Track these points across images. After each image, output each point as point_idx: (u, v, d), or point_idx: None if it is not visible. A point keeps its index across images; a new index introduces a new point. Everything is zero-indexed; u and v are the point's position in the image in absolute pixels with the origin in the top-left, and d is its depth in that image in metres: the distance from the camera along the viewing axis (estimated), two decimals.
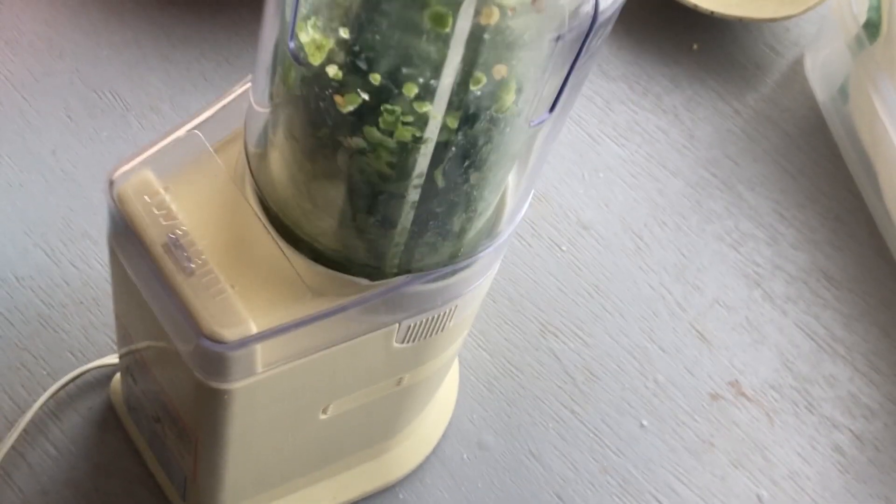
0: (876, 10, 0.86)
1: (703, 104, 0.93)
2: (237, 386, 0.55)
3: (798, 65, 0.96)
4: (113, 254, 0.58)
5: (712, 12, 0.91)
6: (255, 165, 0.55)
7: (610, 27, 0.48)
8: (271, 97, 0.52)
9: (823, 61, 0.94)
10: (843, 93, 0.91)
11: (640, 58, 0.94)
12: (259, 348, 0.53)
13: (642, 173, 0.90)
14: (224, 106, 0.58)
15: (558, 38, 0.46)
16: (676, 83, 0.94)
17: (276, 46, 0.50)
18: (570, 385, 0.82)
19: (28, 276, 0.80)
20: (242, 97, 0.57)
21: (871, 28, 0.86)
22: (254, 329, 0.52)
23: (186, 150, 0.56)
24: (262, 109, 0.53)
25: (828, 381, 0.84)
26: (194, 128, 0.57)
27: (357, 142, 0.48)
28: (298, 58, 0.47)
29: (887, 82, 0.84)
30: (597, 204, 0.88)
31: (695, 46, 0.96)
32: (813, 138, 0.93)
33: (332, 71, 0.47)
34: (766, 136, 0.92)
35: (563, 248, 0.86)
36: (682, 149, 0.91)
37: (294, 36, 0.47)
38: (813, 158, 0.92)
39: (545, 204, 0.87)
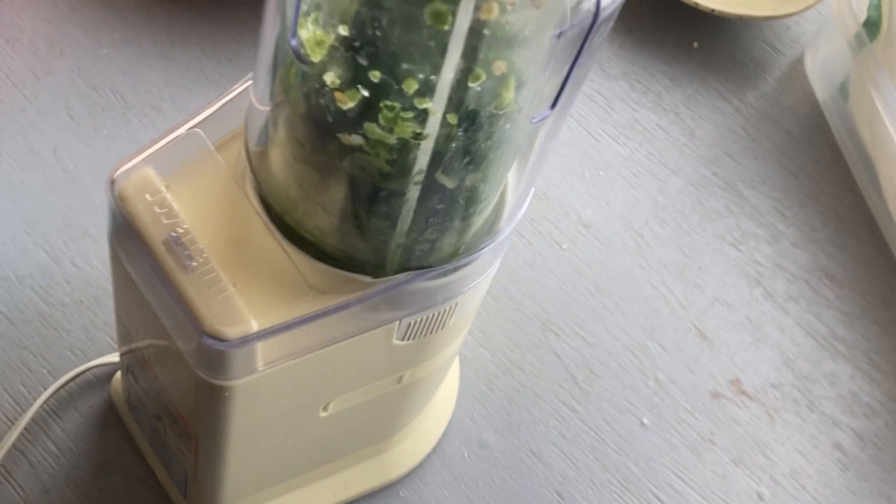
0: (876, 8, 0.86)
1: (703, 102, 0.93)
2: (238, 383, 0.55)
3: (798, 63, 0.96)
4: (114, 252, 0.58)
5: (713, 10, 0.91)
6: (256, 163, 0.55)
7: (611, 24, 0.48)
8: (272, 95, 0.52)
9: (824, 59, 0.94)
10: (843, 91, 0.91)
11: (641, 56, 0.94)
12: (260, 346, 0.53)
13: (643, 172, 0.90)
14: (225, 104, 0.58)
15: (560, 35, 0.46)
16: (677, 81, 0.94)
17: (278, 44, 0.50)
18: (570, 383, 0.82)
19: (28, 274, 0.80)
20: (243, 95, 0.57)
21: (872, 26, 0.86)
22: (255, 327, 0.52)
23: (187, 148, 0.56)
24: (263, 107, 0.53)
25: (829, 380, 0.84)
26: (195, 126, 0.57)
27: (357, 139, 0.48)
28: (300, 55, 0.47)
29: (887, 80, 0.84)
30: (597, 202, 0.88)
31: (695, 45, 0.95)
32: (813, 136, 0.93)
33: (333, 67, 0.47)
34: (767, 135, 0.92)
35: (564, 246, 0.86)
36: (682, 147, 0.91)
37: (296, 33, 0.47)
38: (813, 157, 0.92)
39: (546, 202, 0.87)
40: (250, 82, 0.56)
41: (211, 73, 0.88)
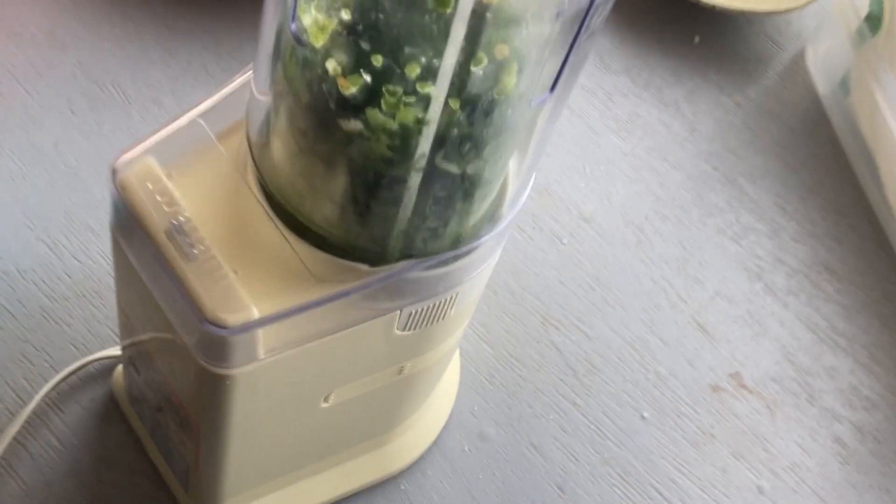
0: (878, 2, 0.86)
1: (704, 97, 0.93)
2: (239, 372, 0.55)
3: (799, 58, 0.96)
4: (116, 242, 0.58)
5: (714, 6, 0.91)
6: (258, 153, 0.55)
7: (610, 5, 0.48)
8: (273, 84, 0.52)
9: (825, 54, 0.94)
10: (844, 86, 0.91)
11: (642, 51, 0.95)
12: (261, 334, 0.54)
13: (643, 166, 0.90)
14: (226, 95, 0.58)
15: (558, 15, 0.46)
16: (678, 76, 0.94)
17: (279, 31, 0.50)
18: (571, 377, 0.82)
19: (30, 268, 0.80)
20: (244, 86, 0.58)
21: (873, 21, 0.87)
22: (256, 314, 0.53)
23: (189, 138, 0.57)
24: (264, 97, 0.53)
25: (828, 374, 0.84)
26: (197, 116, 0.57)
27: (359, 125, 0.48)
28: (300, 39, 0.47)
29: (889, 75, 0.84)
30: (598, 197, 0.88)
31: (696, 39, 0.96)
32: (814, 131, 0.93)
33: (335, 52, 0.47)
34: (768, 129, 0.93)
35: (565, 240, 0.86)
36: (683, 142, 0.91)
37: (296, 17, 0.47)
38: (814, 151, 0.92)
39: (547, 197, 0.87)
40: (251, 73, 0.56)
41: (212, 68, 0.88)
